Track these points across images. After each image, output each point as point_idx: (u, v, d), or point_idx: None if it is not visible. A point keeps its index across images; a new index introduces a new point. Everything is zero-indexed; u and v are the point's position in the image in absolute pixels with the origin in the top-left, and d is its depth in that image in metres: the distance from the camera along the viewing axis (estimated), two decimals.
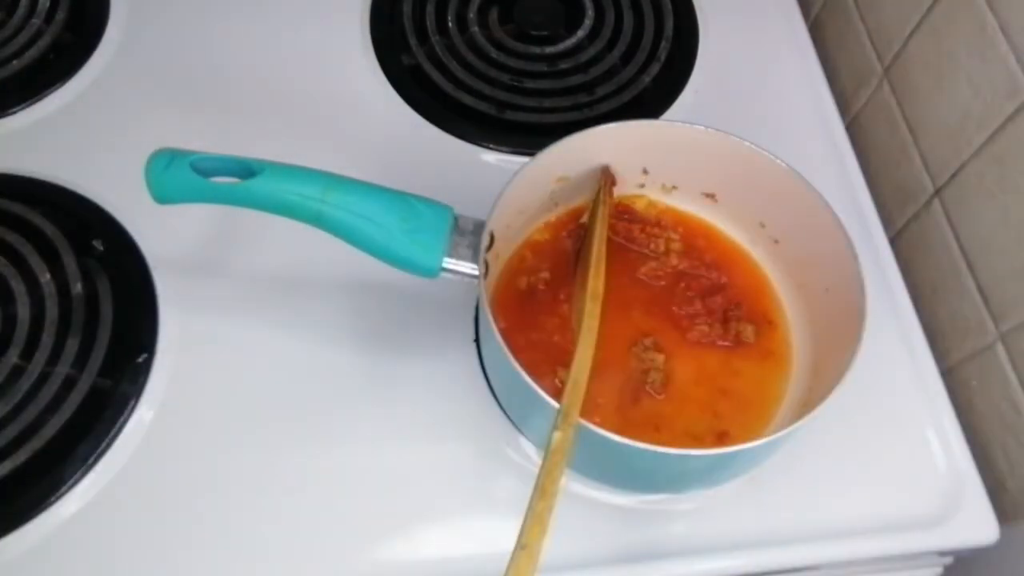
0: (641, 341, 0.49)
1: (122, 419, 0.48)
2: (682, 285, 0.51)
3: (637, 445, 0.39)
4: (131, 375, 0.49)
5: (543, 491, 0.37)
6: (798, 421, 0.40)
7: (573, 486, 0.48)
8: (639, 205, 0.54)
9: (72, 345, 0.49)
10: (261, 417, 0.49)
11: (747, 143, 0.48)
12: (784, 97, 0.65)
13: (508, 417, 0.49)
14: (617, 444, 0.39)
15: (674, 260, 0.52)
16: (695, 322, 0.50)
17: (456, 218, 0.45)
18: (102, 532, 0.46)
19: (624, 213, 0.53)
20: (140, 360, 0.50)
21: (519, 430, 0.49)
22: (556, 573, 0.42)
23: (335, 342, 0.52)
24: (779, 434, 0.40)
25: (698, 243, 0.53)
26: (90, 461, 0.47)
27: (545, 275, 0.51)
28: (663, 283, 0.51)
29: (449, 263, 0.44)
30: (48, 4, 0.63)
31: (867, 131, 0.65)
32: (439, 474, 0.48)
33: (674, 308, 0.51)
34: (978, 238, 0.54)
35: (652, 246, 0.52)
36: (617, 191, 0.52)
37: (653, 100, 0.63)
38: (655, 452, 0.39)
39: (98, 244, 0.53)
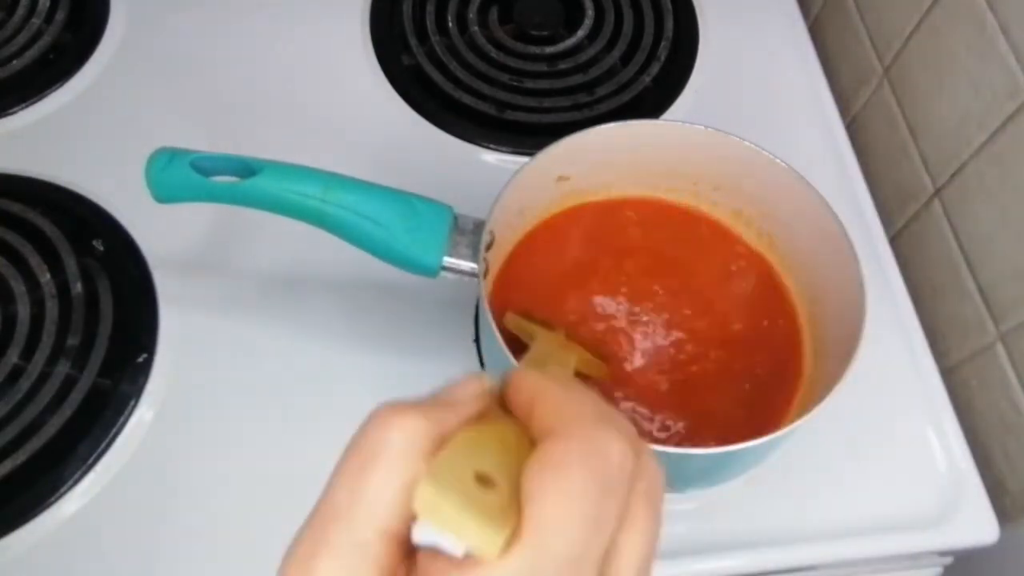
0: None
1: (122, 419, 0.48)
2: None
3: None
4: (131, 375, 0.49)
5: None
6: (798, 420, 0.40)
7: None
8: None
9: (72, 345, 0.49)
10: (261, 417, 0.49)
11: (747, 143, 0.48)
12: (784, 97, 0.64)
13: None
14: None
15: None
16: None
17: (456, 217, 0.45)
18: (102, 532, 0.45)
19: None
20: (140, 360, 0.50)
21: None
22: None
23: (335, 342, 0.52)
24: (778, 433, 0.40)
25: None
26: (90, 461, 0.47)
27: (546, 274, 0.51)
28: None
29: (449, 262, 0.44)
30: (48, 4, 0.63)
31: (867, 131, 0.65)
32: None
33: None
34: (978, 238, 0.54)
35: None
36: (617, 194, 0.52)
37: (653, 100, 0.63)
38: (654, 451, 0.39)
39: (98, 244, 0.53)
